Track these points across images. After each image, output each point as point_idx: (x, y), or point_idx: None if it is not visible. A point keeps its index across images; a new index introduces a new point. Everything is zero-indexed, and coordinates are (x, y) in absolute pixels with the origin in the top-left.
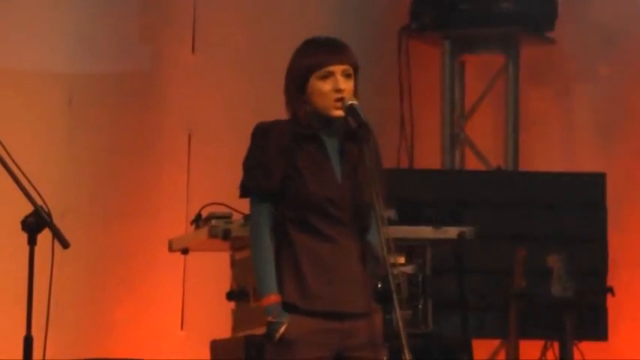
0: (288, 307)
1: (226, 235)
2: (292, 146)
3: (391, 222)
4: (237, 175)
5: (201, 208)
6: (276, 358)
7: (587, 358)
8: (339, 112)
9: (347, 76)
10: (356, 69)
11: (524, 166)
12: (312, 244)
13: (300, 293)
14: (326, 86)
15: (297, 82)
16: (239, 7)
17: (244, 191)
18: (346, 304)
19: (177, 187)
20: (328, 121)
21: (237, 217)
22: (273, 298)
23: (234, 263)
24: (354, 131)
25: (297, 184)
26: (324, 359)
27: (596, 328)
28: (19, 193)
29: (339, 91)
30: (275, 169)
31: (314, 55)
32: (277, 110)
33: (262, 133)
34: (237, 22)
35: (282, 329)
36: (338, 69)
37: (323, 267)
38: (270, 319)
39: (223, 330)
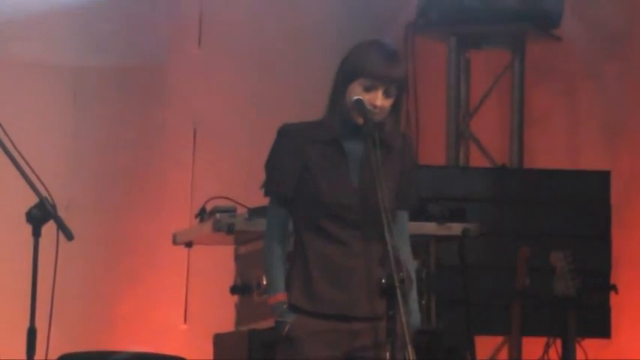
0: (294, 308)
1: (230, 229)
2: (308, 149)
3: None
4: (241, 169)
5: (206, 202)
6: (284, 356)
7: (589, 355)
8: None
9: (387, 94)
10: (402, 88)
11: (529, 163)
12: (323, 246)
13: (307, 296)
14: (365, 97)
15: (345, 76)
16: (245, 1)
17: (265, 191)
18: (354, 308)
19: (182, 181)
20: (356, 125)
21: (241, 210)
22: (278, 297)
23: (237, 257)
24: (381, 139)
25: (310, 187)
26: (333, 358)
27: (599, 325)
28: (24, 184)
29: (374, 106)
30: (290, 172)
31: (371, 62)
32: (282, 105)
33: (281, 135)
34: (244, 16)
35: (287, 328)
36: (381, 86)
37: (332, 270)
38: (276, 317)
39: (226, 324)
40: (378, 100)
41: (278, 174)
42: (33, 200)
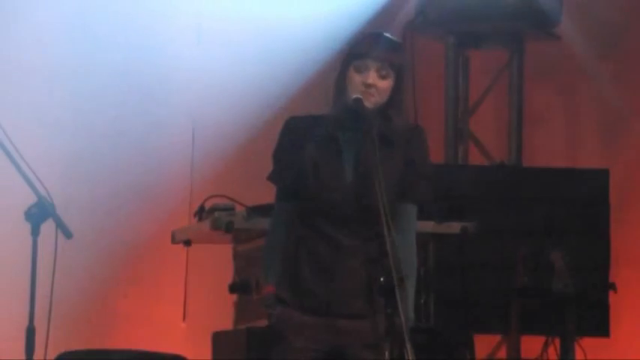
0: (279, 300)
1: (229, 228)
2: (307, 145)
3: None
4: (240, 167)
5: (205, 200)
6: (274, 346)
7: (588, 354)
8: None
9: (382, 75)
10: (399, 71)
11: (528, 161)
12: (314, 242)
13: (292, 289)
14: (358, 78)
15: (342, 65)
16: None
17: (272, 180)
18: (341, 305)
19: (181, 179)
20: (359, 116)
21: (240, 209)
22: (269, 289)
23: (236, 255)
24: (384, 133)
25: (304, 183)
26: (314, 352)
27: (598, 324)
28: (23, 183)
29: (368, 86)
30: (290, 167)
31: (358, 45)
32: (281, 104)
33: (285, 128)
34: (243, 14)
35: (273, 319)
36: (373, 65)
37: (320, 266)
38: (265, 308)
39: (225, 322)
40: (370, 78)
41: (281, 167)
42: (32, 199)
